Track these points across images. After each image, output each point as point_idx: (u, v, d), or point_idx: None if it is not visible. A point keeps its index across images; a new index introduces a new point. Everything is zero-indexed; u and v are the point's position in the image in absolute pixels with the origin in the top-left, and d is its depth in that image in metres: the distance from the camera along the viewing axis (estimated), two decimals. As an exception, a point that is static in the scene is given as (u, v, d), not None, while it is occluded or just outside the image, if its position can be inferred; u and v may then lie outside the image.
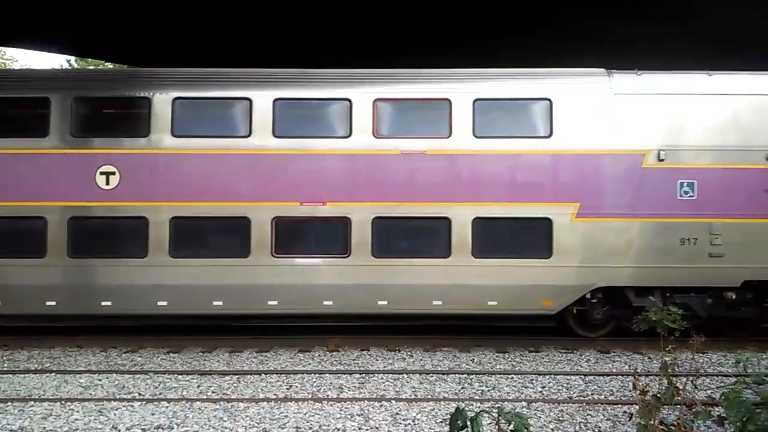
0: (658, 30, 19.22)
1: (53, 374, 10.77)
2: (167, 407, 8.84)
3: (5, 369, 11.19)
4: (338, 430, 7.86)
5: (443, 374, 10.71)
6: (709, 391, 9.22)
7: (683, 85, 12.79)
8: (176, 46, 22.24)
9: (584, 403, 9.02)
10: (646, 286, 12.44)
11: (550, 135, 12.57)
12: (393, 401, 9.05)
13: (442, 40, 21.26)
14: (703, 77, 12.88)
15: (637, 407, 6.04)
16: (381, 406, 8.84)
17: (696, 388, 8.42)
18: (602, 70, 12.99)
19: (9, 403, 9.01)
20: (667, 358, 6.50)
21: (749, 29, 18.38)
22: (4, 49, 41.72)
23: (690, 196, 12.40)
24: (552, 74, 13.03)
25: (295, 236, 12.71)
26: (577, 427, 8.01)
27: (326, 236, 12.66)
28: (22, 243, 12.51)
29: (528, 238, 12.55)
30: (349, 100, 12.68)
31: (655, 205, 12.41)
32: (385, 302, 12.44)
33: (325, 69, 13.24)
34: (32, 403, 9.08)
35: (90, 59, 34.36)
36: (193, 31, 21.26)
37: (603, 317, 12.83)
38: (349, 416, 8.37)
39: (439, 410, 8.63)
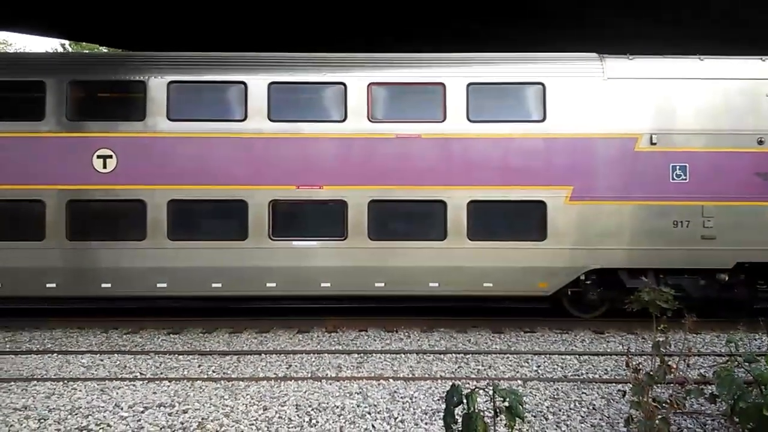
0: (649, 20, 19.30)
1: (55, 355, 10.91)
2: (168, 386, 8.99)
3: (7, 350, 11.31)
4: (337, 407, 8.00)
5: (440, 354, 10.86)
6: (701, 370, 9.41)
7: (675, 70, 12.87)
8: (173, 33, 22.21)
9: (579, 382, 9.19)
10: (640, 268, 12.58)
11: (544, 119, 12.65)
12: (391, 380, 9.22)
13: (429, 30, 21.38)
14: (694, 61, 12.95)
15: (631, 385, 6.17)
16: (379, 384, 9.01)
17: (689, 367, 8.64)
18: (594, 54, 13.06)
19: (12, 383, 9.15)
20: (659, 338, 6.66)
21: (747, 20, 18.49)
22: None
23: (682, 179, 12.52)
24: (545, 58, 13.09)
25: (292, 219, 12.74)
26: (571, 405, 8.17)
27: (323, 219, 12.68)
28: (21, 226, 12.56)
29: (522, 220, 12.63)
30: (344, 84, 12.73)
31: (647, 188, 12.51)
32: (383, 284, 12.54)
33: (320, 53, 13.28)
34: (35, 382, 9.22)
35: (84, 43, 34.17)
36: (191, 19, 21.24)
37: (597, 298, 12.97)
38: (348, 394, 8.53)
39: (436, 388, 8.80)
